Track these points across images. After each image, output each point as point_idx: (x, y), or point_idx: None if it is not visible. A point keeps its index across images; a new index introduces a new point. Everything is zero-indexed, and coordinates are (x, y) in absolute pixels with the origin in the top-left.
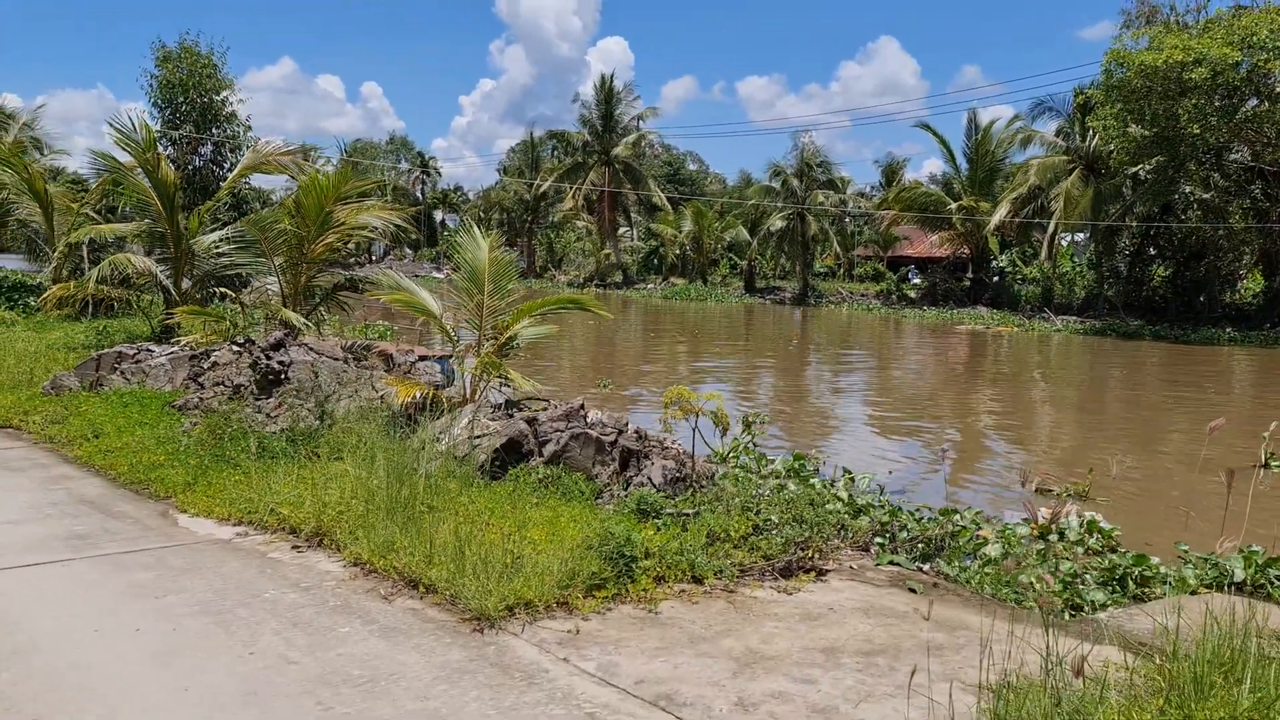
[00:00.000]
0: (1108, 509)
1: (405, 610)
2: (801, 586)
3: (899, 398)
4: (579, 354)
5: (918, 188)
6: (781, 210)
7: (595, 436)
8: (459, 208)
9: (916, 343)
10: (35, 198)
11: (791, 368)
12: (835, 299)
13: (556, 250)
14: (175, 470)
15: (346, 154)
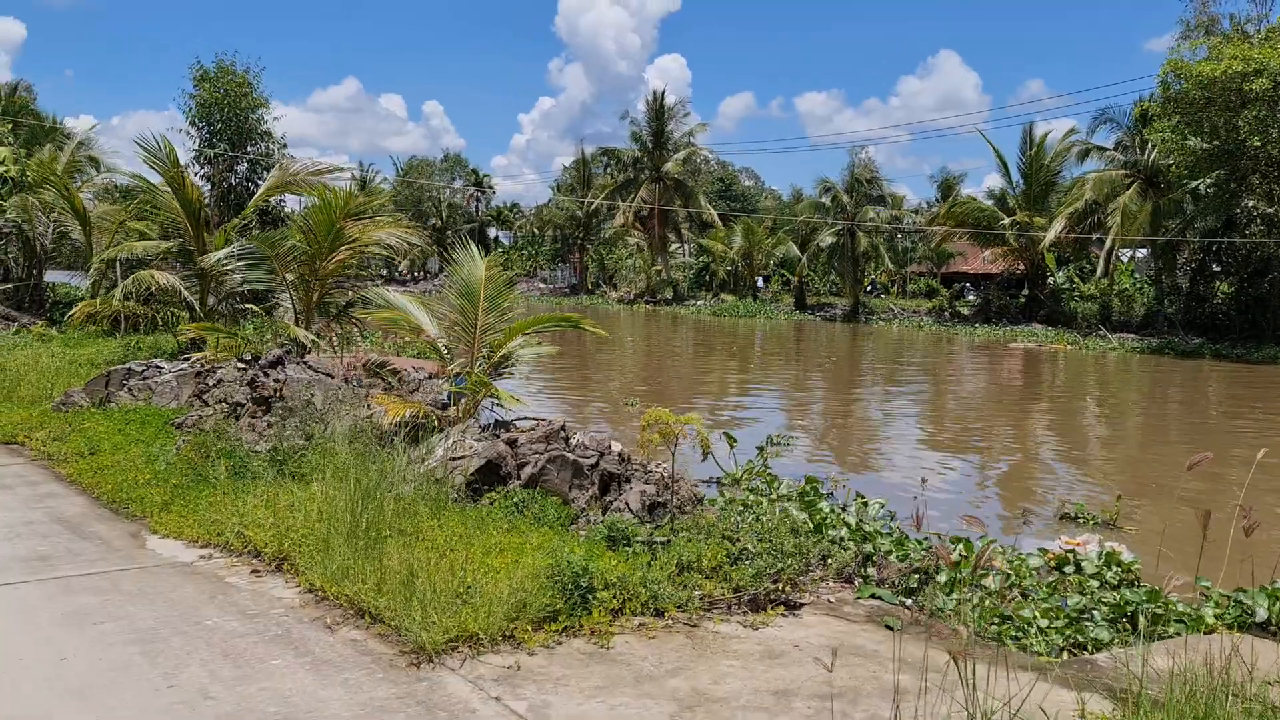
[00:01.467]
0: (1136, 539)
1: (346, 642)
2: (770, 621)
3: (938, 418)
4: (628, 372)
5: (970, 203)
6: (831, 226)
7: (573, 460)
8: (512, 224)
9: (963, 360)
10: (76, 215)
11: (829, 386)
12: (886, 316)
13: (608, 267)
14: (155, 490)
15: (402, 172)
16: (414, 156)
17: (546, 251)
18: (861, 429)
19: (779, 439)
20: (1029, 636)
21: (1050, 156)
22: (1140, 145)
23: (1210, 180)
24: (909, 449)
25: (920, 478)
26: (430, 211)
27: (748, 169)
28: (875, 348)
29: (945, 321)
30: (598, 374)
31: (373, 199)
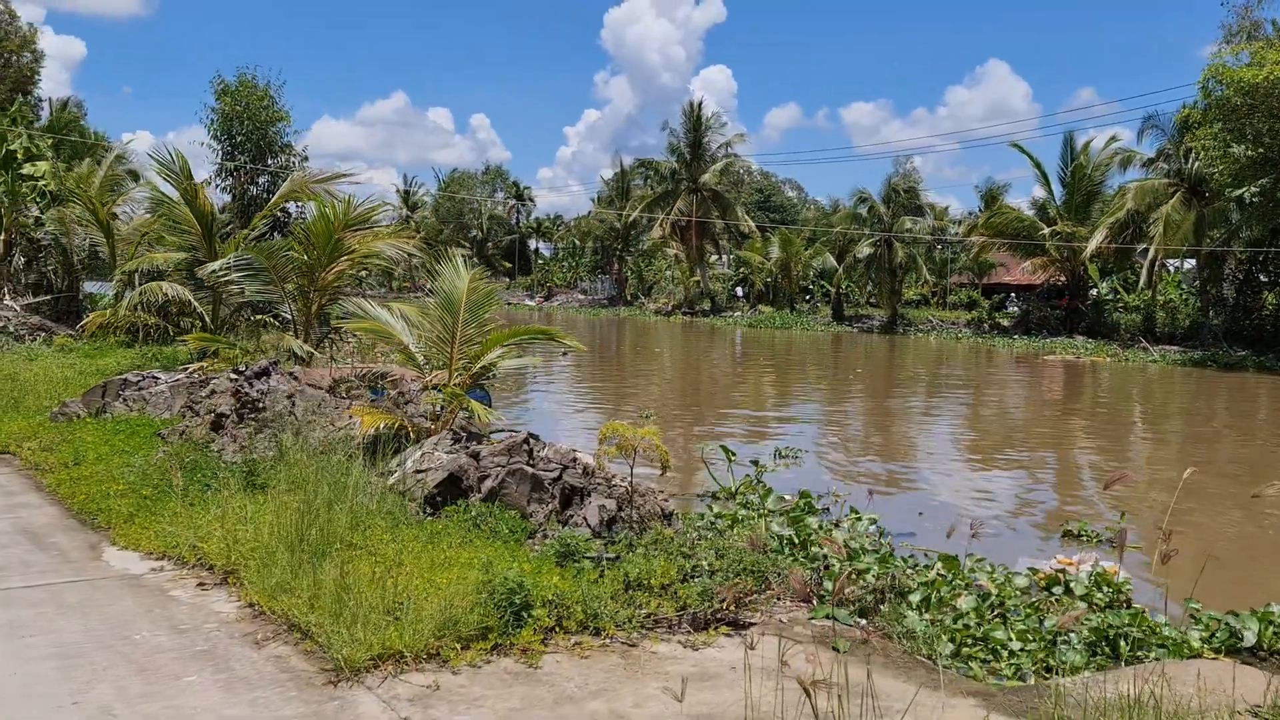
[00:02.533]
0: (1139, 559)
1: (270, 658)
2: (713, 641)
3: (962, 432)
4: (659, 383)
5: (1009, 212)
6: (868, 237)
7: (531, 473)
8: (551, 236)
9: (994, 373)
10: (100, 227)
11: (854, 399)
12: (924, 327)
13: (646, 278)
14: (124, 502)
15: (443, 185)
16: (456, 169)
17: (587, 263)
18: (884, 442)
19: (787, 452)
20: (999, 659)
21: (1092, 166)
22: (1184, 154)
23: (1255, 188)
24: (929, 463)
25: (919, 512)
26: (471, 223)
27: (791, 180)
28: (907, 360)
29: (984, 333)
30: (633, 385)
31: (373, 209)
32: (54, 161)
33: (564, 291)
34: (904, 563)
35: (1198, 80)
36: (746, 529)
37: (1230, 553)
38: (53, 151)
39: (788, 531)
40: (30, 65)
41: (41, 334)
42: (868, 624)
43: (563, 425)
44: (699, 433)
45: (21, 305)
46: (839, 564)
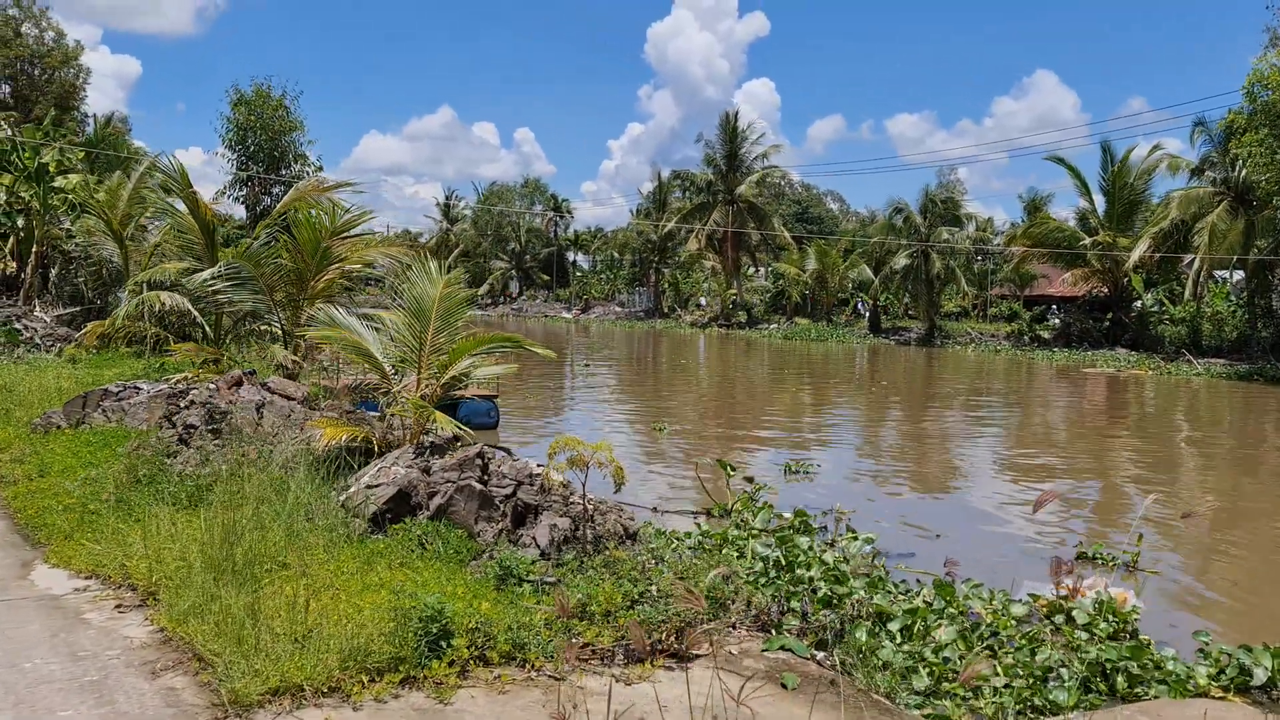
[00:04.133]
0: (1157, 587)
1: (160, 691)
2: (649, 675)
3: (989, 448)
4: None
5: (1049, 223)
6: (905, 248)
7: (480, 490)
8: (589, 248)
9: (1031, 386)
10: (115, 238)
11: (883, 412)
12: (963, 340)
13: (682, 290)
14: (67, 517)
15: (482, 198)
16: (495, 182)
17: (624, 276)
18: (911, 458)
19: (798, 466)
20: (980, 697)
21: (1134, 174)
22: (1229, 161)
23: None
24: (957, 480)
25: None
26: (510, 236)
27: (834, 191)
28: (943, 373)
29: (1024, 346)
30: (666, 397)
31: (360, 216)
32: (85, 174)
33: (601, 304)
34: (895, 588)
35: (1242, 85)
36: (733, 549)
37: (1270, 583)
38: (86, 165)
39: (775, 553)
40: (71, 81)
41: (64, 344)
42: (826, 656)
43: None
44: (724, 445)
45: (52, 316)
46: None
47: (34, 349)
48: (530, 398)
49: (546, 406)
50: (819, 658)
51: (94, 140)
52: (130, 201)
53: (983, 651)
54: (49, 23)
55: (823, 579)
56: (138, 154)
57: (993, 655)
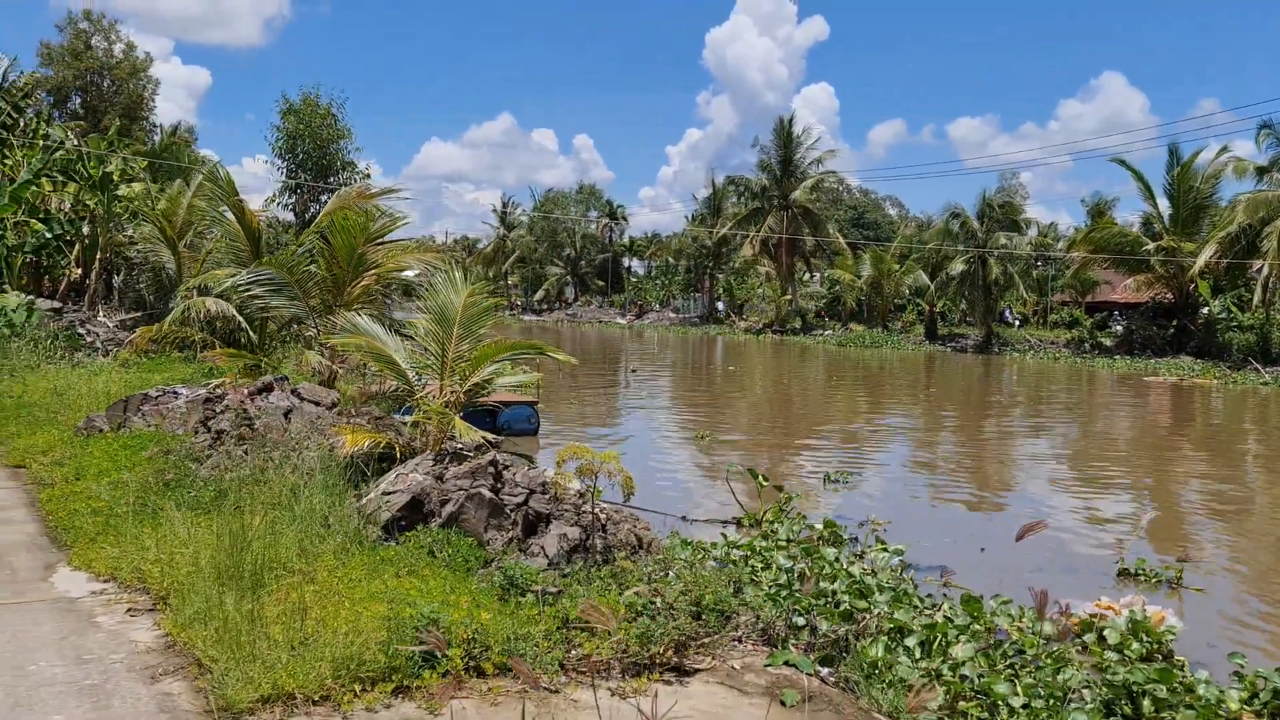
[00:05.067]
0: (1200, 607)
1: (156, 696)
2: (646, 690)
3: (1042, 459)
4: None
5: (1110, 227)
6: (962, 254)
7: (490, 499)
8: (644, 254)
9: (1095, 394)
10: (168, 245)
11: (937, 420)
12: (1021, 347)
13: (737, 296)
14: (94, 520)
15: (538, 205)
16: (551, 189)
17: (679, 281)
18: (963, 468)
19: (838, 475)
20: (996, 717)
21: (1200, 178)
22: None
23: None
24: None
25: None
26: (565, 242)
27: (893, 197)
28: (999, 381)
29: (1084, 353)
30: (711, 402)
31: (395, 222)
32: (147, 183)
33: (656, 309)
34: (921, 601)
35: None
36: (759, 560)
37: None
38: (149, 174)
39: (799, 565)
40: (139, 92)
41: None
42: (831, 673)
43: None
44: (770, 453)
45: (114, 321)
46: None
47: (93, 353)
48: (579, 404)
49: (595, 413)
50: (824, 674)
51: (157, 150)
52: (188, 210)
53: (1005, 670)
54: (118, 35)
55: (846, 592)
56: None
57: (1014, 674)
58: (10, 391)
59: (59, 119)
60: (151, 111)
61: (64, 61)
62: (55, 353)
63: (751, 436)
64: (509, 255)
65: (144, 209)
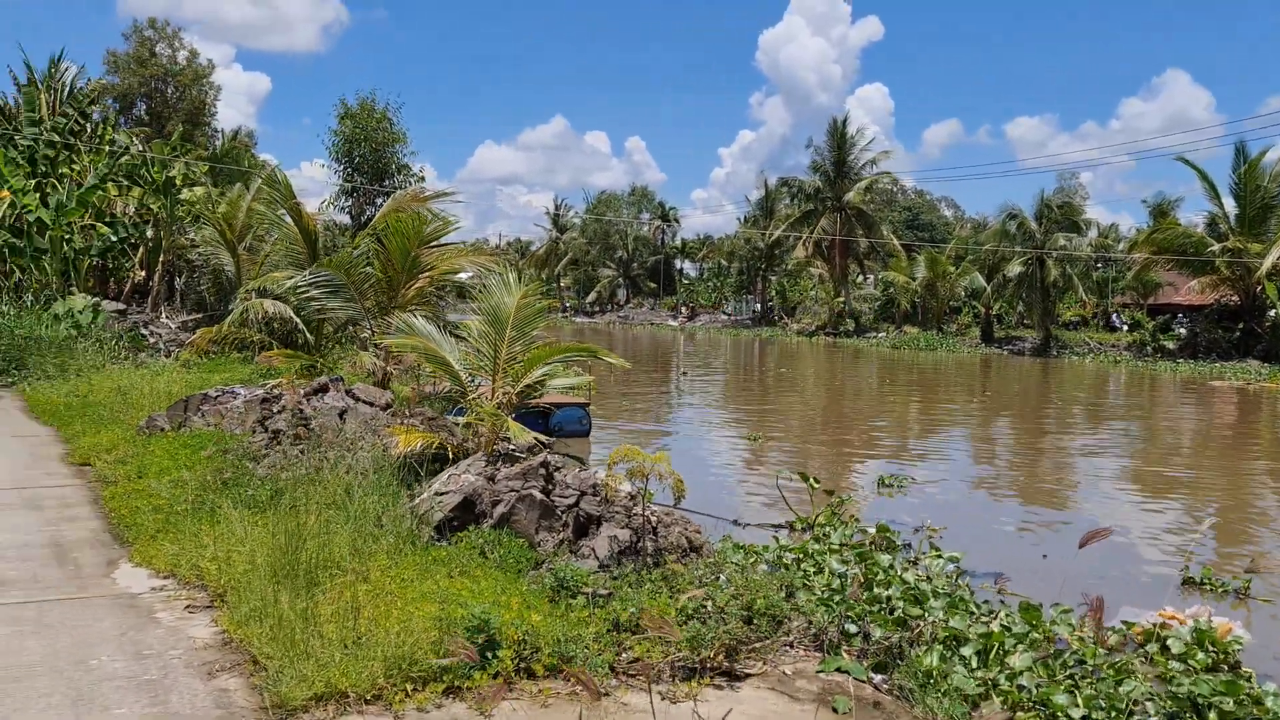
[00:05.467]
0: (1270, 614)
1: (213, 692)
2: (697, 694)
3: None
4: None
5: (1174, 228)
6: (1019, 255)
7: (541, 500)
8: (696, 256)
9: (1157, 399)
10: (227, 248)
11: (995, 424)
12: (1080, 350)
13: (790, 298)
14: (155, 517)
15: (591, 207)
16: (603, 191)
17: (731, 283)
18: (1021, 473)
19: (891, 480)
20: None
21: (1267, 177)
22: None
23: None
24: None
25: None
26: (617, 244)
27: (948, 198)
28: (1057, 385)
29: (1146, 356)
30: (764, 405)
31: (448, 225)
32: (208, 187)
33: (708, 311)
34: (977, 609)
35: None
36: (811, 565)
37: None
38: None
39: (852, 570)
40: (201, 98)
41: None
42: (885, 680)
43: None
44: (823, 456)
45: (176, 322)
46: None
47: (156, 353)
48: (632, 405)
49: (648, 415)
50: (876, 681)
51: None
52: (247, 213)
53: (1064, 680)
54: (181, 43)
55: (900, 598)
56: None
57: (1074, 685)
58: (76, 391)
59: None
60: (213, 117)
61: (129, 69)
62: (119, 353)
63: (803, 439)
64: (561, 258)
65: (205, 212)
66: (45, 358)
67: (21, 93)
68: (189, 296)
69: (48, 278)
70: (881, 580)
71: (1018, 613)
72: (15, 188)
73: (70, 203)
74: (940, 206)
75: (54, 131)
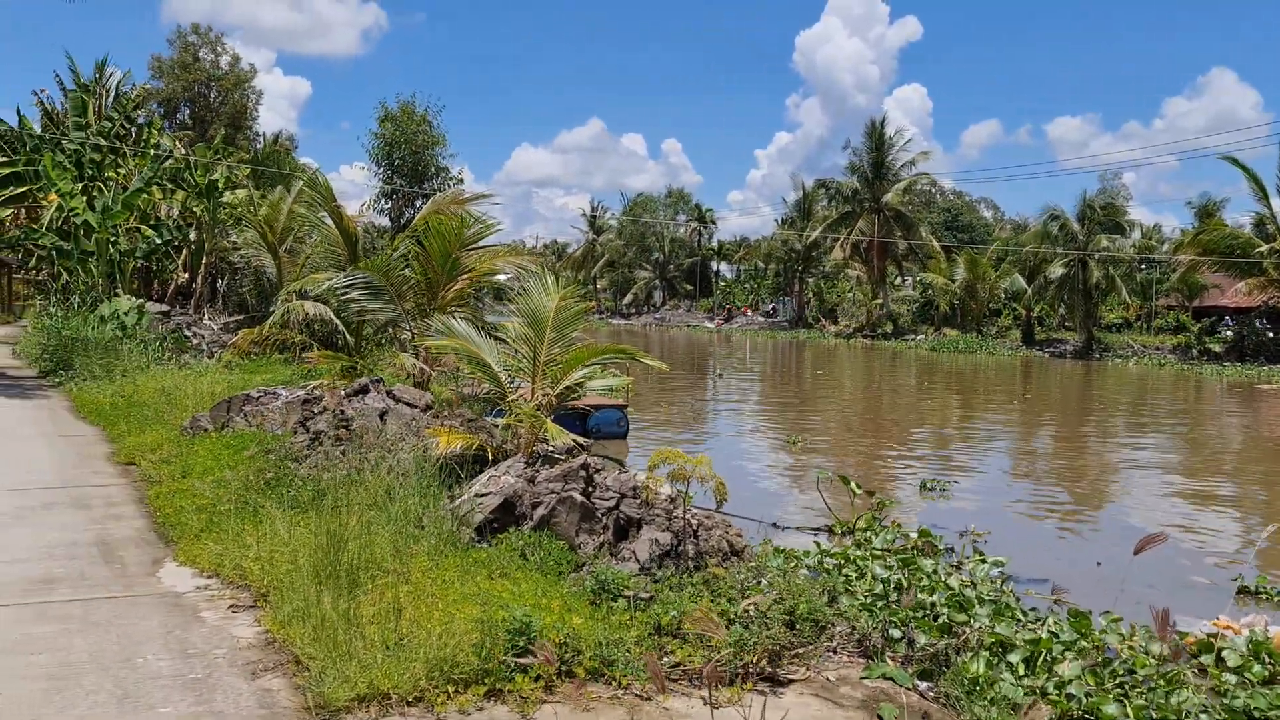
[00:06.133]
0: None
1: (257, 692)
2: (738, 699)
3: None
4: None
5: (1220, 229)
6: (1061, 257)
7: (581, 502)
8: (732, 258)
9: (1203, 403)
10: (269, 250)
11: (1038, 428)
12: (1124, 353)
13: (826, 300)
14: (199, 517)
15: (627, 209)
16: (640, 194)
17: (768, 285)
18: (1066, 477)
19: (933, 484)
20: None
21: None
22: None
23: None
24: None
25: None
26: (654, 246)
27: (987, 199)
28: (1100, 387)
29: (1191, 359)
30: (802, 407)
31: (488, 228)
32: (250, 190)
33: (744, 313)
34: (1024, 615)
35: None
36: (853, 570)
37: None
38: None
39: (896, 575)
40: (243, 102)
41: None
42: (931, 687)
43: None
44: (862, 460)
45: (219, 324)
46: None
47: (199, 354)
48: (667, 407)
49: (684, 417)
50: (922, 688)
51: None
52: (288, 216)
53: (1114, 690)
54: (224, 48)
55: (946, 604)
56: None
57: (1124, 695)
58: (122, 391)
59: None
60: (254, 121)
61: (173, 74)
62: (163, 354)
63: (842, 442)
64: (598, 260)
65: (247, 215)
66: (91, 358)
67: (69, 98)
68: (231, 298)
69: (94, 280)
70: (926, 586)
71: (1066, 620)
72: (63, 191)
73: (116, 206)
74: (980, 208)
75: (100, 136)
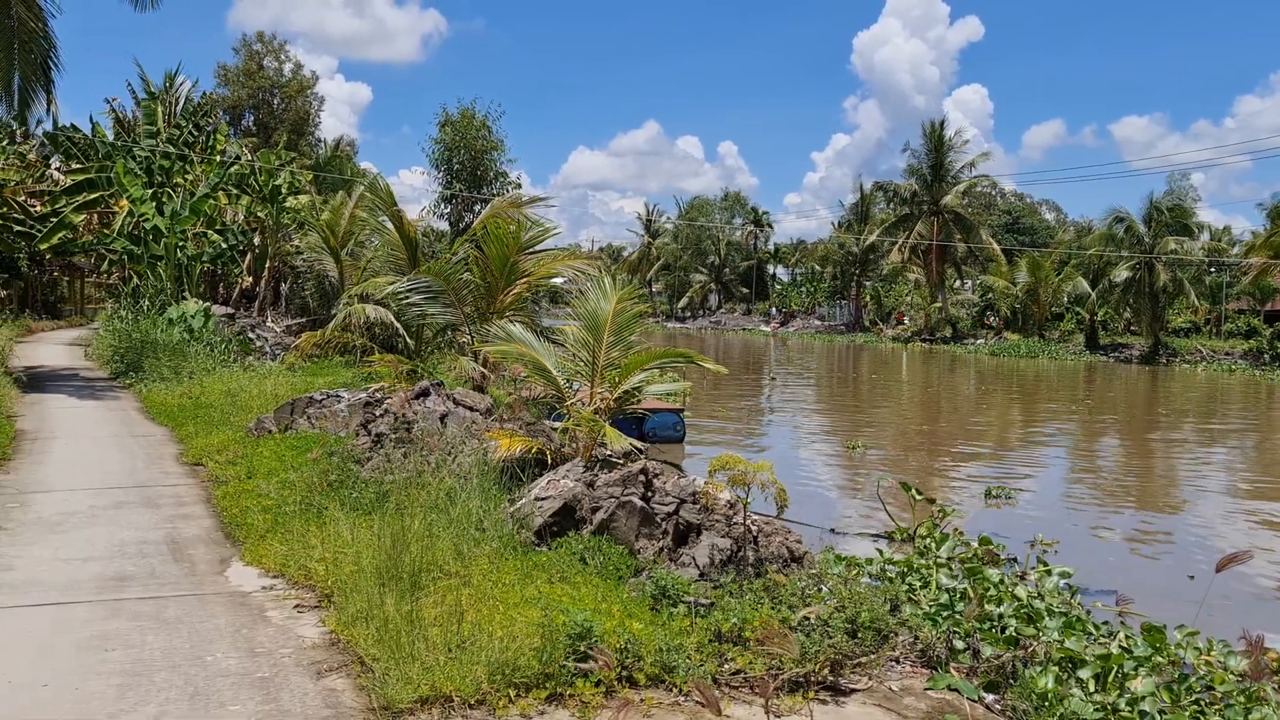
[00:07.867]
0: None
1: (322, 692)
2: (800, 708)
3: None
4: (899, 417)
5: None
6: (1126, 260)
7: (640, 507)
8: (789, 261)
9: (1274, 410)
10: (331, 254)
11: (1103, 434)
12: (1191, 358)
13: (884, 304)
14: (264, 517)
15: (683, 212)
16: (696, 196)
17: (825, 288)
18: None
19: (998, 491)
20: None
21: None
22: None
23: None
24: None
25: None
26: (709, 249)
27: (1049, 201)
28: (1168, 393)
29: (1263, 365)
30: (859, 412)
31: (546, 232)
32: (313, 195)
33: (801, 317)
34: (1096, 629)
35: None
36: (917, 578)
37: None
38: (314, 186)
39: (961, 584)
40: (305, 108)
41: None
42: (997, 700)
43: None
44: (923, 466)
45: (282, 327)
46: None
47: (263, 357)
48: (723, 411)
49: (741, 420)
50: (988, 700)
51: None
52: (350, 220)
53: (1190, 707)
54: (287, 56)
55: (1013, 616)
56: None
57: (1201, 712)
58: (189, 392)
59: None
60: (317, 127)
61: (238, 81)
62: (229, 356)
63: (901, 448)
64: (653, 263)
65: (309, 219)
66: (160, 360)
67: (141, 106)
68: (293, 301)
69: (162, 283)
70: (992, 597)
71: (1139, 634)
72: (134, 197)
73: (184, 211)
74: (1042, 210)
75: (169, 143)
